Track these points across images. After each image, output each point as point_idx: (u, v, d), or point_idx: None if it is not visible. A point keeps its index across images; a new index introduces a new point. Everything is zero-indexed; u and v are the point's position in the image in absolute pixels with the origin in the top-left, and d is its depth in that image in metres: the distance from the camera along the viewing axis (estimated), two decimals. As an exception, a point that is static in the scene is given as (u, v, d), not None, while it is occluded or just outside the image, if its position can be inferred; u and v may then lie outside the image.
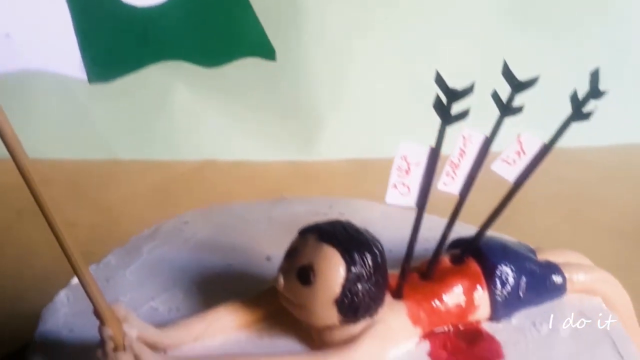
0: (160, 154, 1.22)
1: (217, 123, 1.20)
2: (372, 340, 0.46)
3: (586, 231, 0.99)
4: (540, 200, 1.00)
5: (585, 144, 1.20)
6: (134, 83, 1.17)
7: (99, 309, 0.42)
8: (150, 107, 1.21)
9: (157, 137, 1.23)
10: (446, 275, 0.49)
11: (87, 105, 1.20)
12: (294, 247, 0.46)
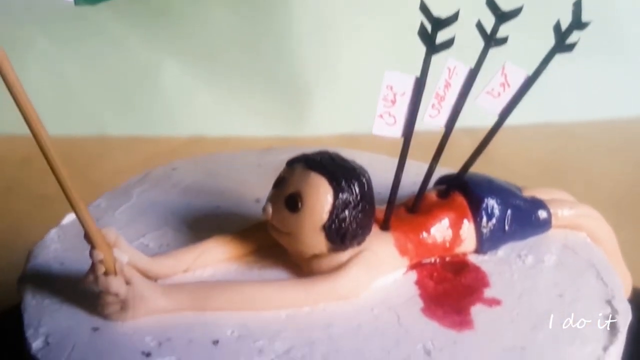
0: (149, 130, 1.22)
1: (206, 99, 1.20)
2: (359, 267, 0.46)
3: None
4: (532, 173, 1.01)
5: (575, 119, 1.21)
6: (123, 58, 1.18)
7: (90, 233, 0.43)
8: (139, 83, 1.22)
9: (146, 113, 1.23)
10: (433, 209, 0.50)
11: (75, 81, 1.20)
12: (281, 177, 0.47)
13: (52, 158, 0.40)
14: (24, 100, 0.38)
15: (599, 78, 1.21)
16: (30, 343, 0.43)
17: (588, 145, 1.19)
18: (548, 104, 1.22)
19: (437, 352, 0.43)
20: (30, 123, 0.39)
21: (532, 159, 1.15)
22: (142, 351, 0.42)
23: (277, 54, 1.18)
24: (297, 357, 0.42)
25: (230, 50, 1.16)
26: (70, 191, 0.42)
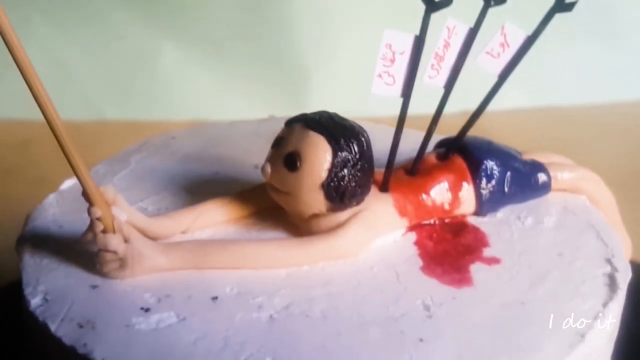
0: (148, 115, 1.22)
1: (205, 83, 1.20)
2: (358, 226, 0.46)
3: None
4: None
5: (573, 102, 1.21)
6: (122, 43, 1.18)
7: (88, 190, 0.43)
8: (138, 67, 1.22)
9: (145, 97, 1.23)
10: (432, 171, 0.50)
11: (74, 66, 1.20)
12: (280, 136, 0.47)
13: (47, 109, 0.39)
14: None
15: (598, 62, 1.21)
16: (29, 300, 0.43)
17: (586, 128, 1.19)
18: (547, 87, 1.22)
19: (436, 307, 0.43)
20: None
21: (530, 142, 1.15)
22: (141, 307, 0.42)
23: (277, 38, 1.17)
24: (296, 312, 0.42)
25: (229, 35, 1.16)
26: (67, 147, 0.42)
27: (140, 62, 1.21)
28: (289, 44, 1.17)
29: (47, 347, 0.42)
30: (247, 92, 1.22)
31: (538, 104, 1.19)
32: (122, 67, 1.21)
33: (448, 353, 0.40)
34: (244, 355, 0.39)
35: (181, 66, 1.20)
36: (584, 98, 1.21)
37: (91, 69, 1.21)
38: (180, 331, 0.41)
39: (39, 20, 1.15)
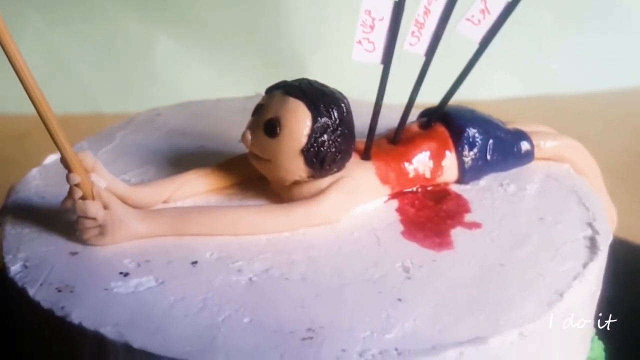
0: (143, 106, 1.22)
1: (201, 74, 1.20)
2: (338, 192, 0.46)
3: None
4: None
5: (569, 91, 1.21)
6: (116, 34, 1.18)
7: (66, 156, 0.43)
8: (133, 59, 1.22)
9: (140, 89, 1.23)
10: (414, 139, 0.50)
11: (69, 58, 1.20)
12: (260, 104, 0.47)
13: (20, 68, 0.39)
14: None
15: (594, 50, 1.21)
16: (9, 267, 0.43)
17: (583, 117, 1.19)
18: (543, 76, 1.22)
19: (416, 269, 0.43)
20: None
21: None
22: (120, 272, 0.42)
23: (272, 27, 1.17)
24: (276, 275, 0.42)
25: (224, 25, 1.16)
26: (44, 111, 0.42)
27: (135, 54, 1.21)
28: (285, 33, 1.17)
29: (27, 314, 0.42)
30: (243, 82, 1.21)
31: (534, 93, 1.19)
32: (117, 59, 1.21)
33: (426, 312, 0.40)
34: (222, 315, 0.39)
35: (176, 57, 1.20)
36: (580, 86, 1.21)
37: (86, 61, 1.21)
38: (159, 294, 0.41)
39: (34, 14, 1.15)
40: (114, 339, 0.38)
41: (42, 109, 0.41)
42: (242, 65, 1.21)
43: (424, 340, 0.38)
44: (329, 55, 1.19)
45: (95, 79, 1.22)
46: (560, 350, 0.42)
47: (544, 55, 1.22)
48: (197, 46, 1.19)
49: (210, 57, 1.19)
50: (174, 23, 1.18)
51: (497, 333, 0.38)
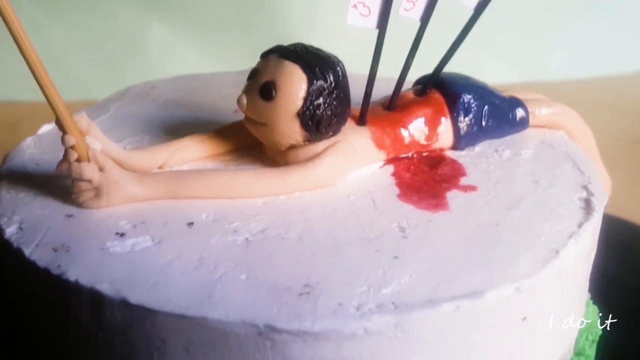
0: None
1: (195, 62, 1.20)
2: (334, 156, 0.46)
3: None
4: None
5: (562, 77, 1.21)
6: (110, 23, 1.17)
7: (61, 118, 0.43)
8: (126, 47, 1.21)
9: (134, 77, 1.22)
10: (410, 105, 0.51)
11: (62, 47, 1.20)
12: (255, 68, 0.47)
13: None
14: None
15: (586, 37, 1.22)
16: (4, 229, 0.43)
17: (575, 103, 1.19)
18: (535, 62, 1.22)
19: (412, 229, 0.43)
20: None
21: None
22: (117, 232, 0.43)
23: (267, 15, 1.17)
24: (272, 235, 0.42)
25: (218, 13, 1.16)
26: (40, 74, 0.41)
27: (129, 42, 1.20)
28: (280, 20, 1.17)
29: (22, 276, 0.42)
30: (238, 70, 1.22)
31: (528, 80, 1.19)
32: (111, 47, 1.21)
33: (422, 268, 0.40)
34: (218, 273, 0.40)
35: (170, 46, 1.20)
36: (574, 73, 1.21)
37: (80, 50, 1.21)
38: (155, 253, 0.41)
39: (28, 3, 1.15)
40: (111, 296, 0.38)
41: (36, 68, 0.41)
42: (236, 53, 1.20)
43: (421, 295, 0.38)
44: (324, 43, 1.19)
45: (89, 67, 1.22)
46: (556, 308, 0.43)
47: (539, 42, 1.22)
48: (191, 34, 1.19)
49: (204, 45, 1.19)
50: (168, 12, 1.18)
51: (493, 287, 0.39)
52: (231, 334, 0.37)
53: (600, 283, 0.51)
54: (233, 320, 0.37)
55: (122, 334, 0.39)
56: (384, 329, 0.37)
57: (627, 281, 0.65)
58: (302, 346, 0.37)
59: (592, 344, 0.48)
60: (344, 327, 0.37)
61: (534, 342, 0.42)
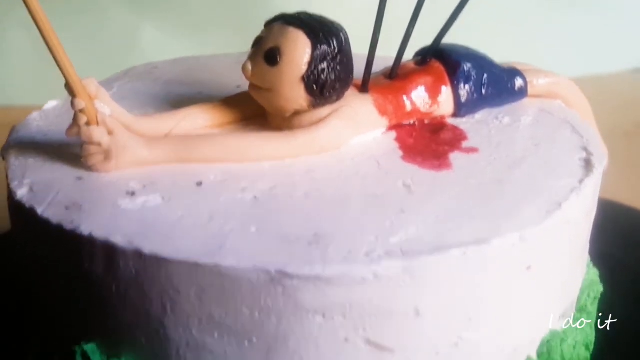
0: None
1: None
2: (338, 120, 0.48)
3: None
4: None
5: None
6: (103, 22, 1.19)
7: (70, 81, 0.44)
8: (118, 46, 1.22)
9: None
10: (411, 74, 0.52)
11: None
12: (259, 36, 0.49)
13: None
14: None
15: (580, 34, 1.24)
16: (15, 191, 0.44)
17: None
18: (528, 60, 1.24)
19: (417, 186, 0.44)
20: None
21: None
22: (127, 191, 0.44)
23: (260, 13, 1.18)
24: (280, 194, 0.44)
25: (210, 12, 1.17)
26: (51, 38, 0.43)
27: (120, 42, 1.22)
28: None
29: (35, 236, 0.43)
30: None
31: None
32: (103, 47, 1.22)
33: (429, 220, 0.41)
34: (229, 226, 0.41)
35: (162, 46, 1.21)
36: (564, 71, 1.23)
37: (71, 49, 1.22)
38: (166, 210, 0.42)
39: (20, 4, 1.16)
40: (125, 247, 0.39)
41: (47, 33, 0.42)
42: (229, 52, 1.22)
43: (428, 242, 0.39)
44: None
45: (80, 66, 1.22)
46: (560, 260, 0.44)
47: (530, 41, 1.24)
48: (183, 34, 1.20)
49: (196, 44, 1.20)
50: (160, 11, 1.19)
51: (498, 235, 0.40)
52: (243, 281, 0.38)
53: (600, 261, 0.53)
54: (245, 267, 0.38)
55: (135, 285, 0.40)
56: (392, 274, 0.38)
57: (624, 259, 0.66)
58: (313, 291, 0.38)
59: (594, 301, 0.49)
60: (354, 272, 0.38)
61: (539, 293, 0.43)
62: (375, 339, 0.39)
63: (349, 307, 0.39)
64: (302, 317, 0.39)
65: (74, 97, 0.44)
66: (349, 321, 0.39)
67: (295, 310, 0.38)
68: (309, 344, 0.39)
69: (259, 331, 0.39)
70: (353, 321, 0.39)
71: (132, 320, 0.41)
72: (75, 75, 0.44)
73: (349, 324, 0.39)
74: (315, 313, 0.39)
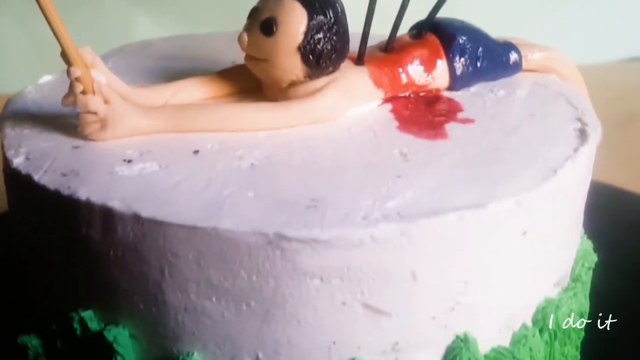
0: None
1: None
2: (334, 91, 0.48)
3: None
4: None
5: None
6: (97, 14, 1.19)
7: (66, 49, 0.44)
8: (112, 39, 1.22)
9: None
10: (406, 47, 0.52)
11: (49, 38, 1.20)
12: (255, 7, 0.49)
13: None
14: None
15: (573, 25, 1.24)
16: (12, 160, 0.44)
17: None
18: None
19: (413, 154, 0.45)
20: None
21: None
22: (124, 159, 0.44)
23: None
24: (277, 161, 0.44)
25: (205, 5, 1.17)
26: (45, 3, 0.43)
27: (115, 34, 1.21)
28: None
29: (31, 203, 0.43)
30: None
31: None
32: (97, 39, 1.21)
33: (426, 185, 0.42)
34: (226, 191, 0.41)
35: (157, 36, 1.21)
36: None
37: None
38: (163, 176, 0.42)
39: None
40: (123, 211, 0.39)
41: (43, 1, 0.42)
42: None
43: (425, 206, 0.40)
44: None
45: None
46: (554, 227, 0.44)
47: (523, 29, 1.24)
48: (178, 27, 1.20)
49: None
50: (154, 4, 1.19)
51: (495, 200, 0.40)
52: (241, 244, 0.38)
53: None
54: (243, 230, 0.38)
55: (133, 250, 0.40)
56: (390, 237, 0.38)
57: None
58: (311, 254, 0.38)
59: (588, 270, 0.49)
60: (352, 235, 0.38)
61: (534, 259, 0.44)
62: (372, 303, 0.40)
63: (346, 270, 0.39)
64: (300, 281, 0.39)
65: (69, 65, 0.45)
66: (346, 284, 0.39)
67: (293, 273, 0.39)
68: (307, 307, 0.40)
69: (257, 295, 0.39)
70: (351, 284, 0.39)
71: (130, 286, 0.41)
72: (71, 43, 0.44)
73: (347, 287, 0.39)
74: (313, 276, 0.39)
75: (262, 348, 0.40)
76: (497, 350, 0.43)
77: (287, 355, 0.40)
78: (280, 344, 0.40)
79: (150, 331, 0.41)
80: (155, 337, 0.41)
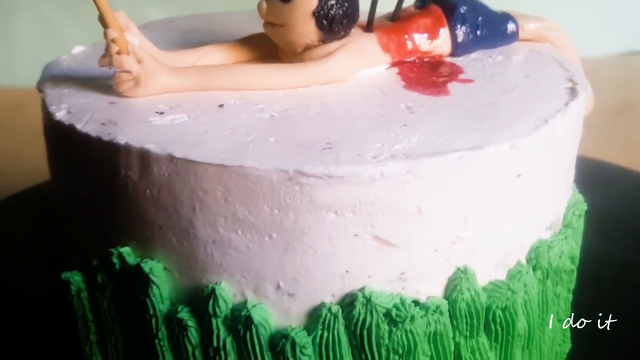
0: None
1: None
2: (345, 54, 0.54)
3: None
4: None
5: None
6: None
7: (103, 13, 0.50)
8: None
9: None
10: (411, 16, 0.58)
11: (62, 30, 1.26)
12: (273, -23, 0.54)
13: None
14: None
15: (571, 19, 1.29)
16: (54, 113, 0.50)
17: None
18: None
19: (418, 107, 0.50)
20: None
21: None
22: (156, 111, 0.49)
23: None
24: (294, 113, 0.49)
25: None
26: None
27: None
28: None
29: (74, 151, 0.49)
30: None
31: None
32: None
33: (429, 131, 0.47)
34: (250, 137, 0.47)
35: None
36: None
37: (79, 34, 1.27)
38: (192, 125, 0.48)
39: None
40: (158, 153, 0.45)
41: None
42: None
43: (429, 148, 0.45)
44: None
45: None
46: (547, 172, 0.50)
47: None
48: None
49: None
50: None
51: (491, 143, 0.46)
52: (264, 180, 0.44)
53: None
54: (266, 167, 0.44)
55: (168, 188, 0.45)
56: (397, 174, 0.44)
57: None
58: (327, 189, 0.44)
59: (579, 218, 0.55)
60: (363, 172, 0.44)
61: (528, 200, 0.49)
62: (381, 235, 0.45)
63: (358, 204, 0.44)
64: (317, 214, 0.44)
65: (106, 27, 0.50)
66: (358, 217, 0.44)
67: (311, 207, 0.44)
68: (323, 239, 0.45)
69: (278, 227, 0.45)
70: (362, 217, 0.44)
71: (165, 222, 0.46)
72: (108, 8, 0.49)
73: (359, 220, 0.45)
74: (328, 210, 0.44)
75: (283, 277, 0.46)
76: (494, 282, 0.48)
77: (305, 283, 0.46)
78: (299, 272, 0.45)
79: (182, 263, 0.47)
80: (187, 269, 0.47)
